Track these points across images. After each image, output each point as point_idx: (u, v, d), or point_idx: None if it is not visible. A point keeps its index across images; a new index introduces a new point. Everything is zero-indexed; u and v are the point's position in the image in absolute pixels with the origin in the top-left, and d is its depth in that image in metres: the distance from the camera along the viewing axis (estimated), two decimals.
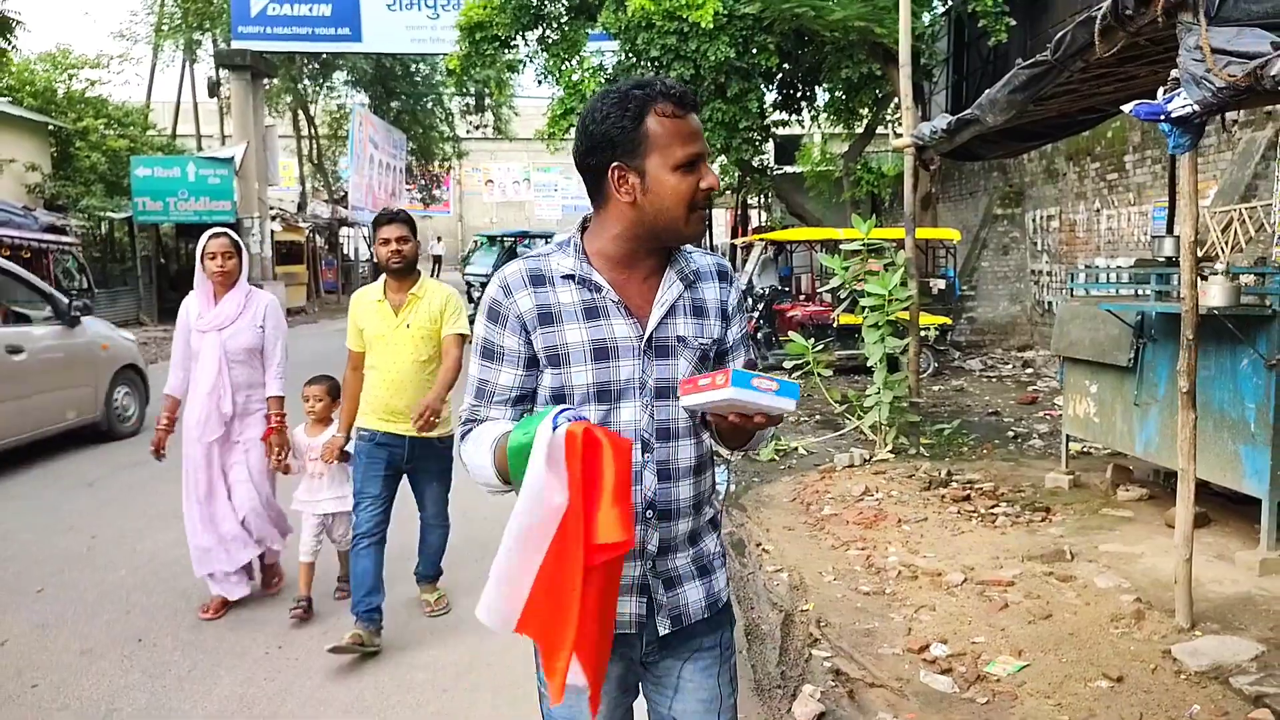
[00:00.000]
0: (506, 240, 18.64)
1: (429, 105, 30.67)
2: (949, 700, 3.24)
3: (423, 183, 34.77)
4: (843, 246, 8.40)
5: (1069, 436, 6.08)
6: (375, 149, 25.02)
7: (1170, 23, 3.43)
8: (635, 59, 12.77)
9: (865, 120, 15.67)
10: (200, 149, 24.92)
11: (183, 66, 25.93)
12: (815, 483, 6.20)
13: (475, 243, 22.53)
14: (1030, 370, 11.44)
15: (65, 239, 15.26)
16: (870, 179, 14.83)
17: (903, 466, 6.50)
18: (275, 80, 24.96)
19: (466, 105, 30.77)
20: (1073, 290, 7.25)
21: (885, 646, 3.67)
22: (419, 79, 29.53)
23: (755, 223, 23.11)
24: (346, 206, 25.54)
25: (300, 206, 26.86)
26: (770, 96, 14.78)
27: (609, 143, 1.55)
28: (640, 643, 1.66)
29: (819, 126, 17.32)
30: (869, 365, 7.09)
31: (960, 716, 3.14)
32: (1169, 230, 6.03)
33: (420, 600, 4.22)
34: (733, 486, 6.18)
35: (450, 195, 41.50)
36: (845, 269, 7.62)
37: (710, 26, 11.76)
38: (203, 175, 18.42)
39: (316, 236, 26.03)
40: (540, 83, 14.86)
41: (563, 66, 13.72)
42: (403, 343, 3.82)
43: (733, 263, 14.97)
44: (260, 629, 4.01)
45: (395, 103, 29.17)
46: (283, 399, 4.20)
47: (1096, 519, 5.22)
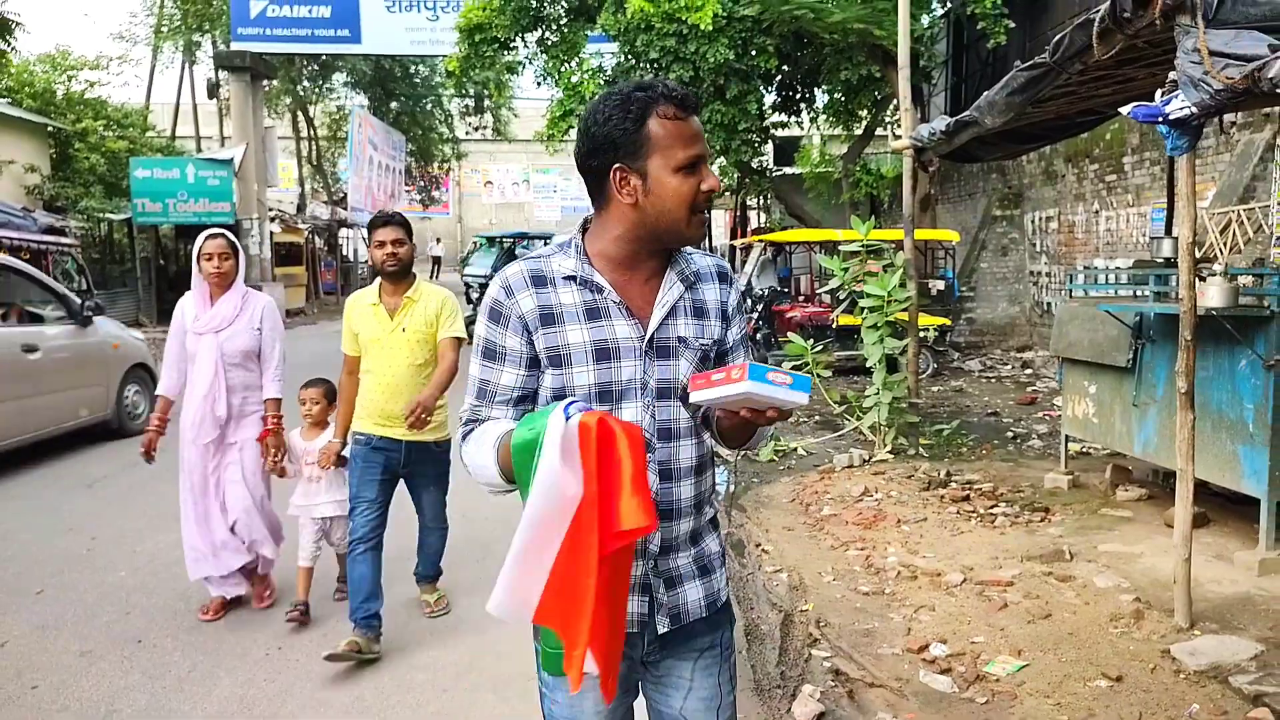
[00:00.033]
0: (505, 242, 18.62)
1: (428, 107, 30.67)
2: (948, 700, 3.25)
3: (422, 184, 34.81)
4: (842, 248, 8.42)
5: (1068, 437, 6.09)
6: (374, 150, 25.03)
7: (1168, 25, 3.44)
8: (634, 61, 12.78)
9: (864, 122, 15.68)
10: (199, 150, 24.95)
11: (182, 68, 25.99)
12: (814, 483, 6.21)
13: (474, 244, 22.50)
14: (1029, 371, 11.45)
15: (64, 240, 15.23)
16: (869, 180, 14.84)
17: (902, 467, 6.51)
18: (275, 82, 24.99)
19: (466, 107, 30.82)
20: (1071, 291, 7.27)
21: (885, 646, 3.68)
22: (418, 80, 29.53)
23: (754, 224, 23.13)
24: (346, 208, 25.56)
25: (299, 208, 26.86)
26: (769, 98, 14.80)
27: (611, 144, 1.55)
28: (642, 642, 1.67)
29: (818, 128, 17.32)
30: (868, 366, 7.09)
31: (960, 716, 3.14)
32: (1167, 231, 6.04)
33: (420, 601, 4.22)
34: (732, 487, 6.19)
35: (449, 196, 41.53)
36: (844, 270, 7.63)
37: (709, 28, 11.77)
38: (202, 177, 18.42)
39: (316, 238, 26.03)
40: (539, 84, 14.89)
41: (562, 68, 13.74)
42: (398, 346, 3.77)
43: (732, 264, 14.98)
44: (260, 630, 4.01)
45: (394, 104, 29.19)
46: (280, 401, 4.18)
47: (1096, 519, 5.23)
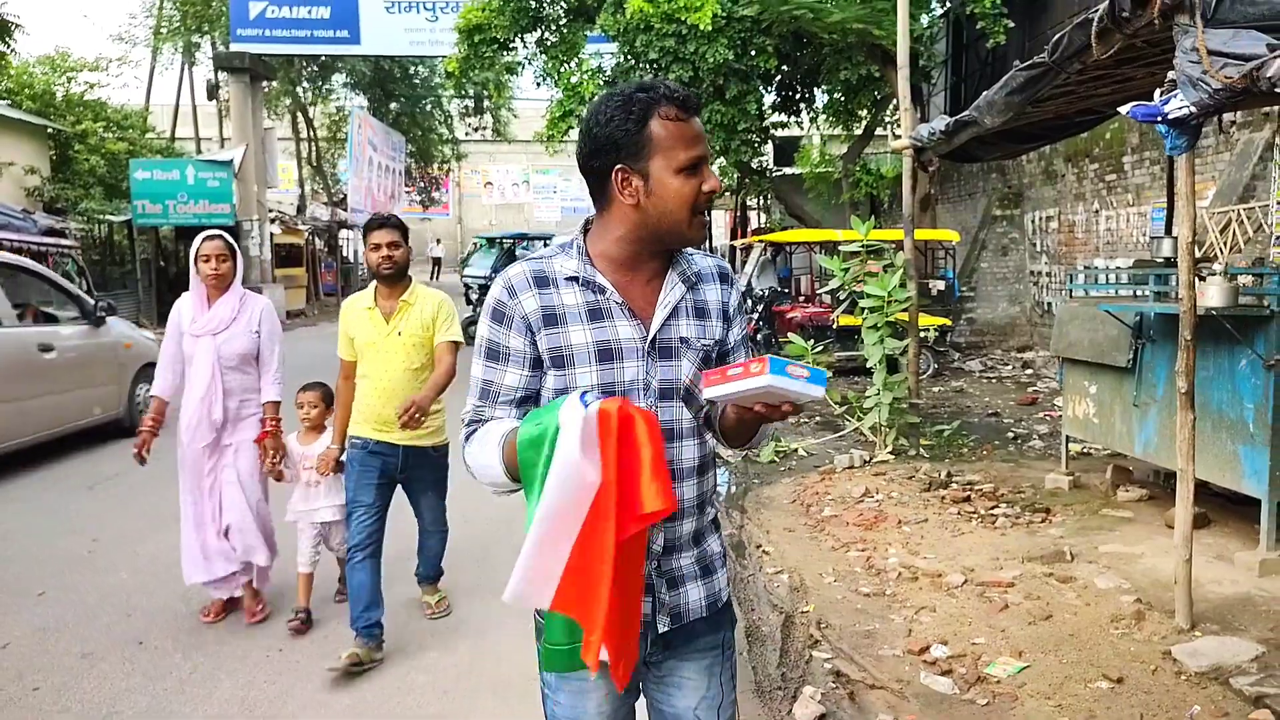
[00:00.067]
0: (505, 242, 18.64)
1: (428, 107, 30.68)
2: (949, 701, 3.24)
3: (422, 185, 34.84)
4: (842, 248, 8.42)
5: (1069, 437, 6.08)
6: (374, 151, 25.04)
7: (1167, 25, 3.44)
8: (634, 61, 12.78)
9: (864, 122, 15.68)
10: (199, 152, 24.95)
11: (181, 69, 25.99)
12: (815, 484, 6.21)
13: (474, 245, 22.52)
14: (1030, 371, 11.45)
15: (64, 242, 15.23)
16: (869, 180, 14.84)
17: (903, 468, 6.51)
18: (274, 83, 24.98)
19: (465, 107, 30.83)
20: (1072, 291, 7.26)
21: (885, 648, 3.68)
22: (418, 81, 29.55)
23: (754, 224, 23.15)
24: (346, 209, 25.55)
25: (299, 209, 26.88)
26: (769, 98, 14.80)
27: (613, 145, 1.56)
28: (644, 641, 1.67)
29: (818, 128, 17.33)
30: (868, 366, 7.09)
31: (960, 718, 3.14)
32: (1167, 231, 6.03)
33: (421, 602, 4.21)
34: (733, 488, 6.19)
35: (449, 197, 41.55)
36: (844, 270, 7.63)
37: (709, 29, 11.77)
38: (202, 178, 18.42)
39: (316, 239, 26.04)
40: (539, 85, 14.91)
41: (561, 69, 13.74)
42: (394, 351, 3.74)
43: (732, 264, 14.99)
44: (261, 632, 4.01)
45: (394, 105, 29.20)
46: (279, 404, 4.15)
47: (1096, 520, 5.23)
